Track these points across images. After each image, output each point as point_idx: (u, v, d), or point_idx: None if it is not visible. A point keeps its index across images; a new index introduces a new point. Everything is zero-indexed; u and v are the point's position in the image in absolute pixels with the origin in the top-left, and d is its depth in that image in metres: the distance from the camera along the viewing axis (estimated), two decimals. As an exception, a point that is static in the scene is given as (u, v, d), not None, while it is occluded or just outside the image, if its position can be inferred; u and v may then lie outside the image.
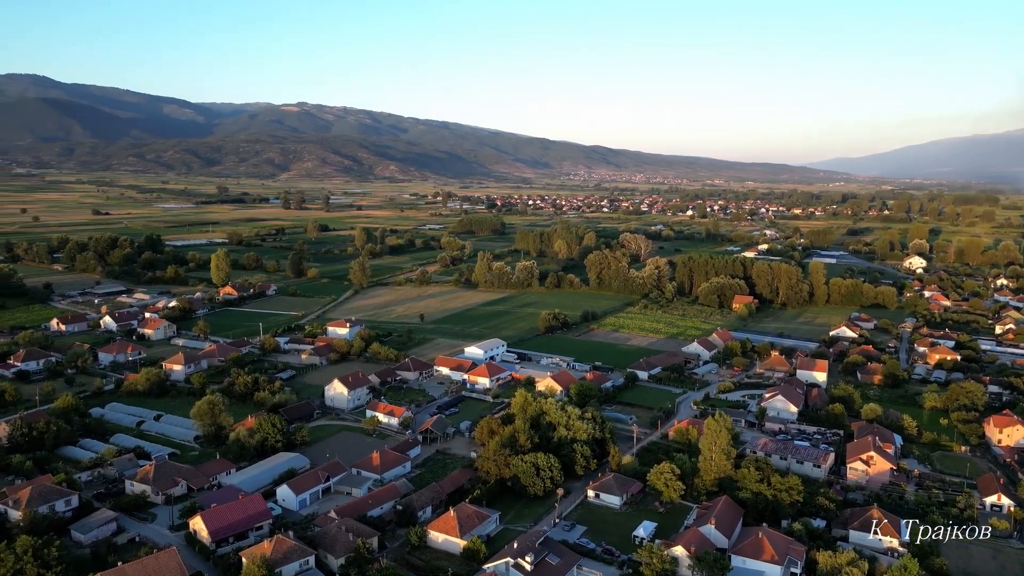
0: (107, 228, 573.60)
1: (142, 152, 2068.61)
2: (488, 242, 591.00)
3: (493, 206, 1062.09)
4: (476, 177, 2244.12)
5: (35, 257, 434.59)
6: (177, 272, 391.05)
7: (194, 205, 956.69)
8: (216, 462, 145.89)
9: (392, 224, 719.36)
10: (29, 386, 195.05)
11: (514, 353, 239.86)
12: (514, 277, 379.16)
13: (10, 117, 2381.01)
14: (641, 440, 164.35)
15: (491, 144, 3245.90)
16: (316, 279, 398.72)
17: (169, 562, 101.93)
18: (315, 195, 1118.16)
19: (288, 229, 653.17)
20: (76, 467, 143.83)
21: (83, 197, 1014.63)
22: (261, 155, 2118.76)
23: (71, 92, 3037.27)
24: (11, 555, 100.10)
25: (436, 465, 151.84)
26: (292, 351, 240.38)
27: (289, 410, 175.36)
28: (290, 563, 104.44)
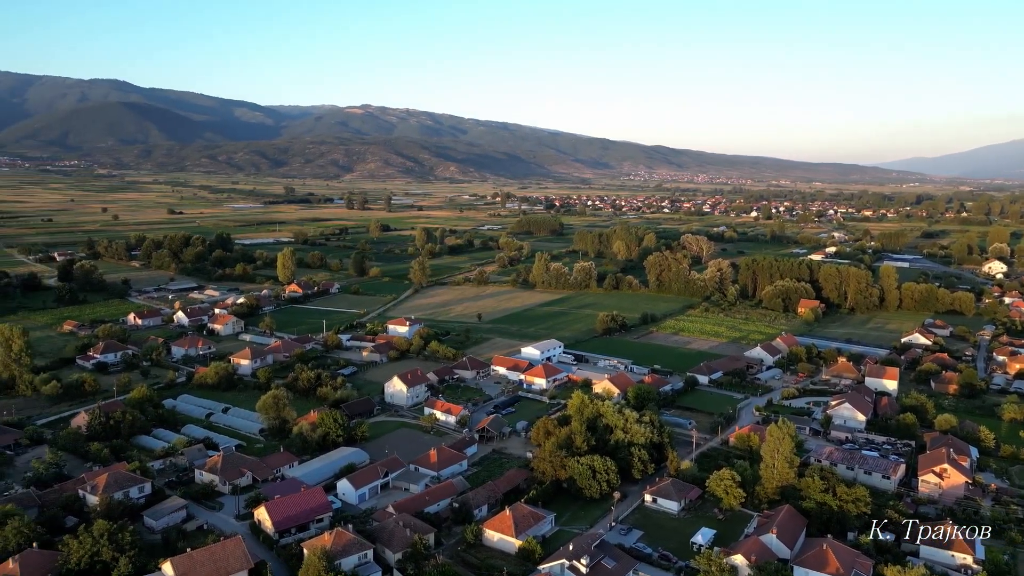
0: (181, 227, 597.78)
1: (214, 154, 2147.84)
2: (546, 243, 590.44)
3: (552, 207, 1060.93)
4: (535, 178, 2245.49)
5: (114, 254, 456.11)
6: (245, 270, 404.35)
7: (262, 205, 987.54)
8: (280, 455, 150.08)
9: (451, 224, 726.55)
10: (107, 377, 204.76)
11: (571, 354, 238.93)
12: (572, 278, 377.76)
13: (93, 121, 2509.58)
14: (700, 445, 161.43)
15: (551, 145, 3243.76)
16: (378, 278, 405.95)
17: (235, 550, 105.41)
18: (377, 196, 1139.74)
19: (351, 229, 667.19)
20: (149, 456, 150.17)
21: (159, 197, 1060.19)
22: (326, 156, 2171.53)
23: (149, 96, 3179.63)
24: (89, 538, 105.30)
25: (492, 464, 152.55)
26: (354, 348, 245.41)
27: (350, 406, 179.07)
28: (349, 556, 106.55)
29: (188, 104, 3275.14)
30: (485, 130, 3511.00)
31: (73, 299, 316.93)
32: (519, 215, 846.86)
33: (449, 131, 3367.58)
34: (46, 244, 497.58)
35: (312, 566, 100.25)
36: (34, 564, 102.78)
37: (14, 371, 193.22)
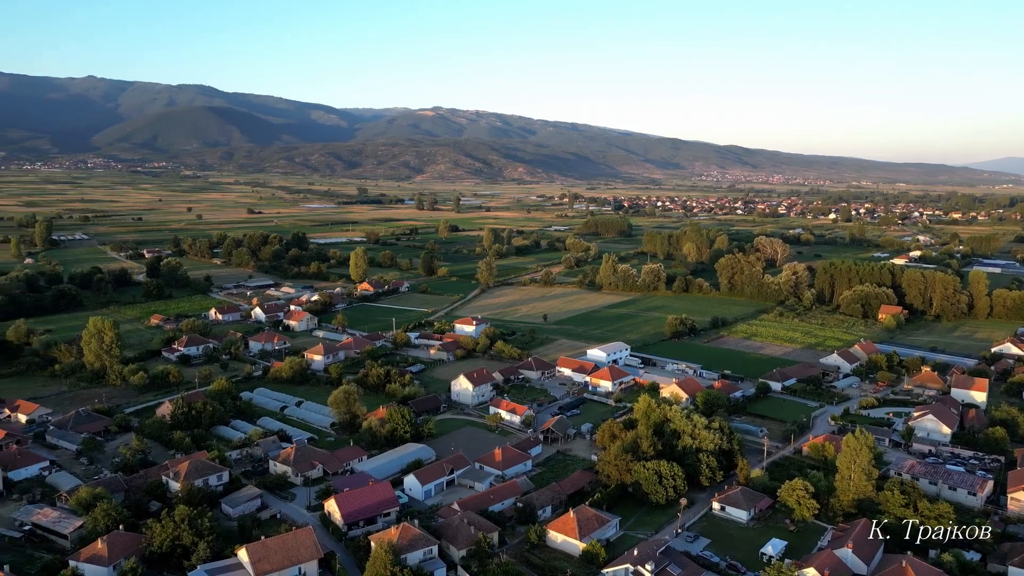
0: (260, 226, 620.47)
1: (291, 155, 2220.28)
2: (614, 244, 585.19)
3: (620, 207, 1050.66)
4: (604, 178, 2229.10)
5: (198, 252, 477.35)
6: (320, 268, 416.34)
7: (336, 205, 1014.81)
8: (349, 449, 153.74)
9: (519, 225, 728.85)
10: (190, 369, 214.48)
11: (638, 357, 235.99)
12: (640, 280, 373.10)
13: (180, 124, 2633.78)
14: (772, 454, 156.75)
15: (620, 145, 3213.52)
16: (445, 277, 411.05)
17: (306, 540, 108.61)
18: (447, 197, 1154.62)
19: (421, 229, 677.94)
20: (227, 445, 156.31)
21: (240, 197, 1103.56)
22: (398, 158, 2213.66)
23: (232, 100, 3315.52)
24: (171, 522, 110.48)
25: (556, 465, 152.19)
26: (421, 346, 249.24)
27: (417, 403, 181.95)
28: (415, 551, 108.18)
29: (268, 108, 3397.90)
30: (554, 131, 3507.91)
31: (160, 294, 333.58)
32: (587, 216, 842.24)
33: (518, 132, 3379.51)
34: (136, 242, 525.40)
35: (379, 559, 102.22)
36: (120, 545, 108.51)
37: (105, 362, 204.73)
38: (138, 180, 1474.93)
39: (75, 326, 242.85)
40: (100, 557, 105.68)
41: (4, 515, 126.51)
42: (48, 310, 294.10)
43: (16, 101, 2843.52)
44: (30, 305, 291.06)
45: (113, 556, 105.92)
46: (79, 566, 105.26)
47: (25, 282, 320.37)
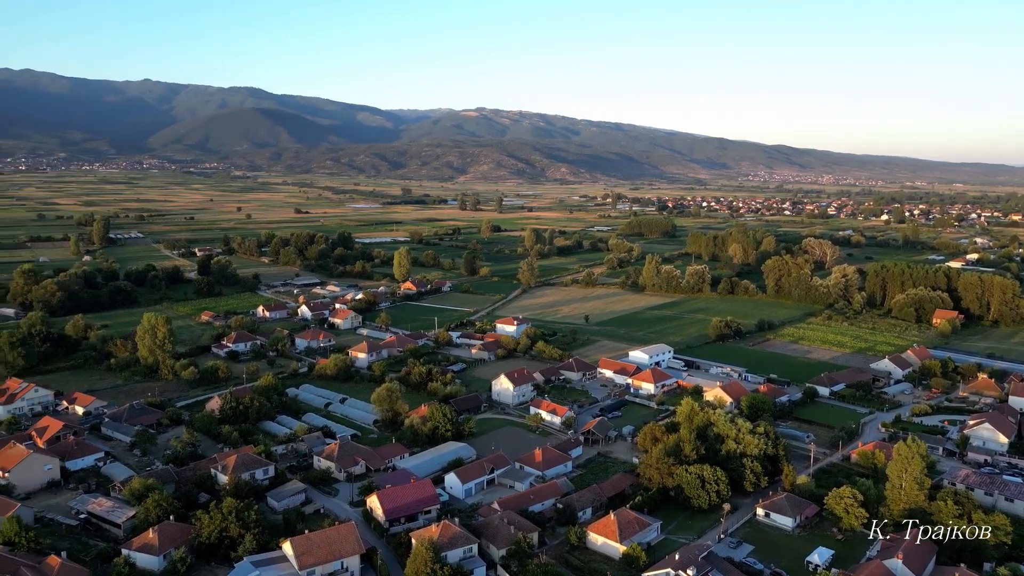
0: (306, 226, 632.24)
1: (337, 156, 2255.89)
2: (657, 245, 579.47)
3: (664, 208, 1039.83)
4: (648, 179, 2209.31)
5: (247, 250, 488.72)
6: (364, 267, 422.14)
7: (380, 205, 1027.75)
8: (392, 446, 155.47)
9: (561, 225, 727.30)
10: (238, 365, 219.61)
11: (681, 360, 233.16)
12: (684, 281, 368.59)
13: (231, 126, 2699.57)
14: (819, 460, 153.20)
15: (665, 145, 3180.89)
16: (487, 277, 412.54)
17: (348, 535, 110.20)
18: (489, 197, 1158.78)
19: (463, 229, 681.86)
20: (273, 440, 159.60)
21: (287, 197, 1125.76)
22: (441, 159, 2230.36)
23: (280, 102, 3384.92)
24: (219, 514, 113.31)
25: (597, 467, 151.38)
26: (463, 345, 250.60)
27: (459, 401, 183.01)
28: (455, 549, 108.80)
29: (315, 109, 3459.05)
30: (597, 131, 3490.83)
31: (210, 291, 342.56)
32: (630, 216, 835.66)
33: (561, 132, 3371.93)
34: (188, 240, 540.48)
35: (420, 556, 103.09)
36: (170, 535, 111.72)
37: (158, 356, 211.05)
38: (190, 180, 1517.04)
39: (130, 322, 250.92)
40: (151, 546, 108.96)
41: (62, 503, 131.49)
42: (105, 306, 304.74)
43: (77, 104, 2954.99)
44: (88, 301, 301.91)
45: (163, 546, 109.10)
46: (131, 555, 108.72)
47: (83, 279, 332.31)
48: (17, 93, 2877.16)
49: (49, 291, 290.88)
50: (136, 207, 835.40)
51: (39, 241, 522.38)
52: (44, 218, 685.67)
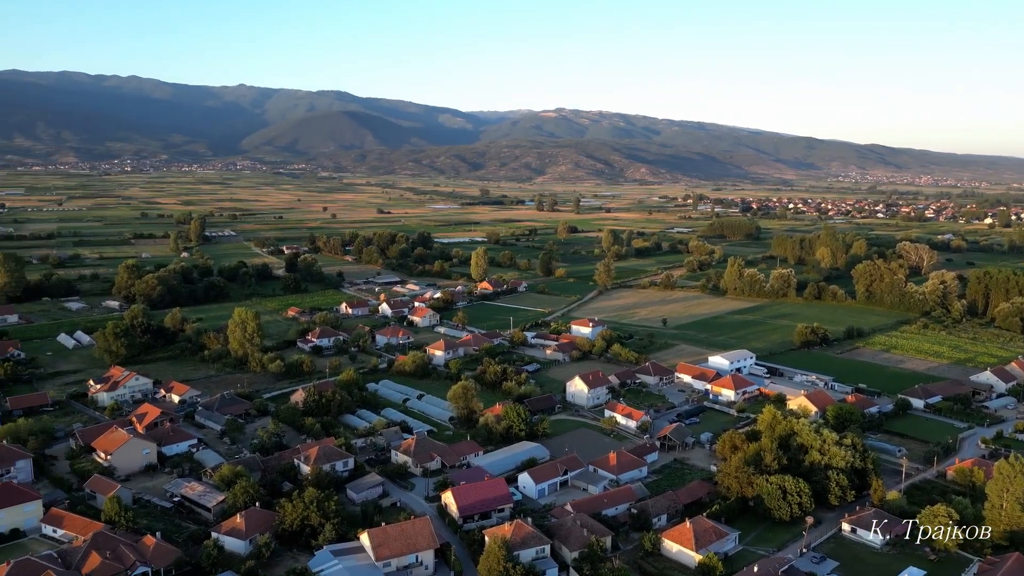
0: (388, 225, 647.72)
1: (419, 158, 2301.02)
2: (740, 247, 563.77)
3: (748, 209, 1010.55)
4: (731, 179, 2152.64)
5: (331, 249, 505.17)
6: (442, 266, 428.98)
7: (459, 206, 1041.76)
8: (466, 443, 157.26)
9: (639, 227, 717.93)
10: (321, 359, 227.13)
11: (763, 366, 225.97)
12: (768, 285, 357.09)
13: (319, 128, 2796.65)
14: (911, 476, 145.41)
15: (749, 144, 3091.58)
16: (563, 278, 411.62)
17: (423, 529, 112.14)
18: (567, 198, 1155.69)
19: (540, 230, 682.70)
20: (353, 434, 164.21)
21: (370, 198, 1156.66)
22: (520, 159, 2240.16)
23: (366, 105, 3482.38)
24: (301, 503, 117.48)
25: (673, 473, 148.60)
26: (538, 346, 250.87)
27: (533, 402, 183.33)
28: (528, 548, 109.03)
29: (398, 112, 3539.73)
30: (679, 130, 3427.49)
31: (297, 288, 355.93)
32: (711, 218, 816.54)
33: (641, 132, 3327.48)
34: (277, 239, 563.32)
35: (493, 554, 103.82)
36: (256, 521, 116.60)
37: (248, 349, 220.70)
38: (280, 181, 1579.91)
39: (222, 316, 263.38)
40: (238, 531, 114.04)
41: (157, 486, 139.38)
42: (200, 300, 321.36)
43: (178, 109, 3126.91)
44: (185, 295, 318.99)
45: (250, 531, 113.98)
46: (220, 538, 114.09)
47: (181, 274, 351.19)
48: (125, 99, 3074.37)
49: (150, 285, 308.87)
50: (229, 206, 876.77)
51: (142, 238, 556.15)
52: (147, 216, 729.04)
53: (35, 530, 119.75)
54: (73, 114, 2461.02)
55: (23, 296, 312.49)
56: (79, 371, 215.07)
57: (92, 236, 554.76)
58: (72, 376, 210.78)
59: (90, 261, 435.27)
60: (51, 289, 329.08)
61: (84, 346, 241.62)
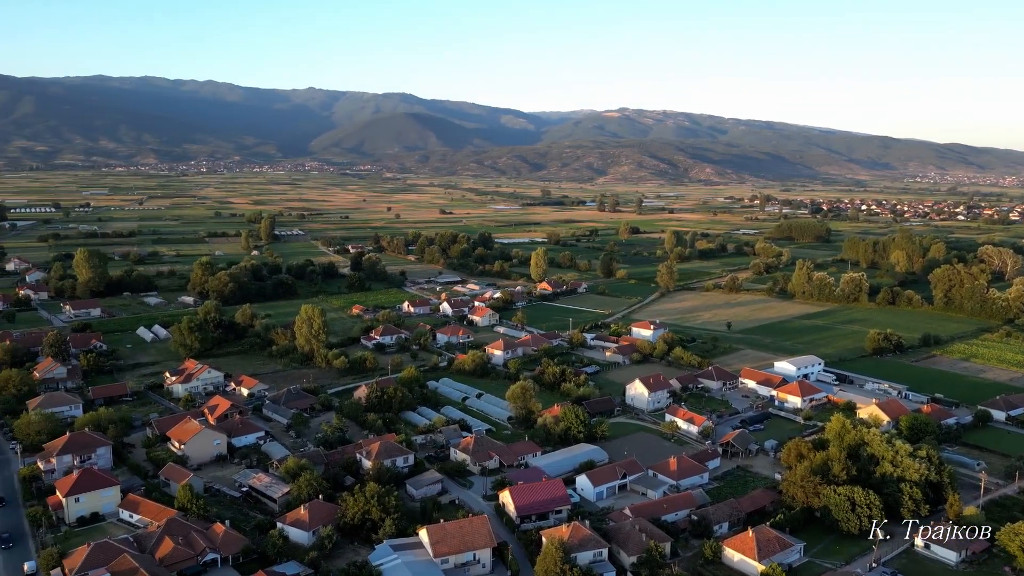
0: (450, 226, 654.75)
1: (481, 159, 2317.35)
2: (809, 250, 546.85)
3: (818, 211, 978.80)
4: (800, 180, 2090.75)
5: (395, 248, 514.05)
6: (503, 267, 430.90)
7: (520, 207, 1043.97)
8: (524, 443, 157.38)
9: (703, 228, 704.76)
10: (384, 356, 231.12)
11: (832, 373, 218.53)
12: (838, 289, 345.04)
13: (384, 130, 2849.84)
14: (990, 491, 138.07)
15: (820, 144, 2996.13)
16: (624, 279, 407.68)
17: (481, 528, 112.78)
18: (628, 198, 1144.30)
19: (601, 231, 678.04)
20: (413, 430, 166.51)
21: (433, 198, 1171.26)
22: (581, 160, 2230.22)
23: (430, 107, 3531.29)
24: (362, 497, 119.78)
25: (735, 480, 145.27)
26: (597, 347, 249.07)
27: (591, 404, 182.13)
28: (585, 551, 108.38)
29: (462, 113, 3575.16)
30: (747, 129, 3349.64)
31: (361, 286, 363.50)
32: (779, 219, 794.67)
33: (707, 132, 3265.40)
34: (342, 238, 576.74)
35: (550, 555, 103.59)
36: (319, 513, 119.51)
37: (313, 345, 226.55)
38: (346, 182, 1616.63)
39: (290, 312, 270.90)
40: (302, 522, 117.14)
41: (227, 476, 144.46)
42: (269, 297, 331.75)
43: (250, 111, 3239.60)
44: (254, 292, 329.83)
45: (313, 522, 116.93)
46: (284, 528, 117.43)
47: (251, 272, 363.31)
48: (201, 103, 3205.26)
49: (222, 282, 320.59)
50: (298, 206, 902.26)
51: (215, 237, 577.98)
52: (220, 216, 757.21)
53: (113, 514, 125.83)
54: (153, 117, 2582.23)
55: (106, 291, 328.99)
56: (156, 363, 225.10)
57: (170, 234, 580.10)
58: (150, 368, 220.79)
59: (167, 258, 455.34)
60: (131, 285, 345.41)
61: (161, 339, 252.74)
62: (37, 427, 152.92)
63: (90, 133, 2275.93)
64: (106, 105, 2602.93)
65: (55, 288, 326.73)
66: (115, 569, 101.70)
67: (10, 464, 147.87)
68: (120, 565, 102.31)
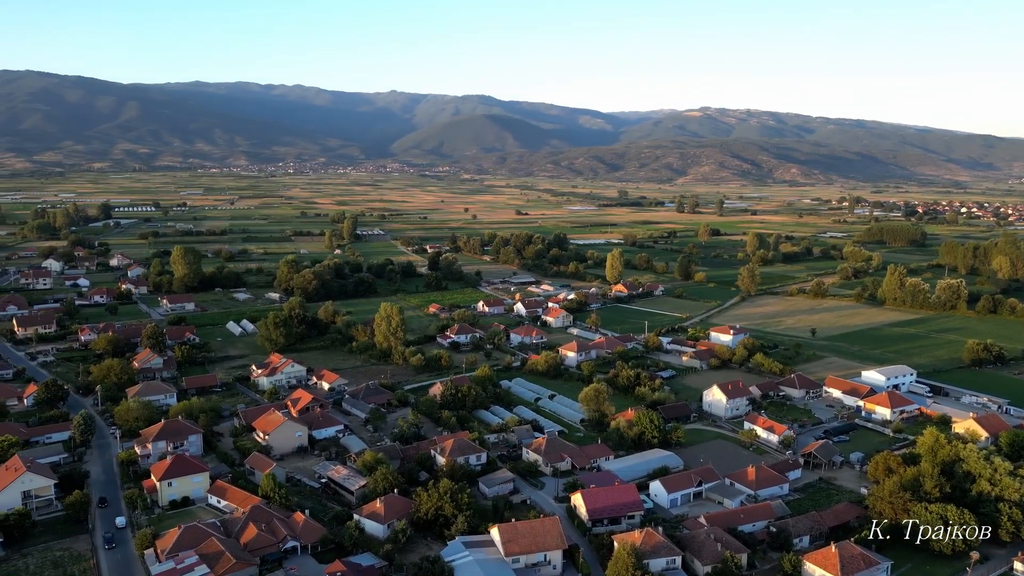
0: (525, 226, 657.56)
1: (557, 160, 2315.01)
2: (902, 254, 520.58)
3: (912, 213, 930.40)
4: (893, 180, 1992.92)
5: (471, 249, 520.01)
6: (577, 268, 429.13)
7: (596, 208, 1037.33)
8: (597, 446, 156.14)
9: (788, 230, 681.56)
10: (458, 355, 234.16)
11: (925, 384, 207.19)
12: (933, 296, 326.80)
13: (463, 132, 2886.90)
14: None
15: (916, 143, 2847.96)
16: (703, 283, 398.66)
17: (552, 529, 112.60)
18: (709, 199, 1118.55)
19: (679, 232, 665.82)
20: (486, 429, 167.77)
21: (509, 199, 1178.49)
22: (660, 160, 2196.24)
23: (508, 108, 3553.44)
24: (436, 493, 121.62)
25: (817, 493, 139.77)
26: (673, 351, 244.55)
27: (667, 409, 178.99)
28: (658, 558, 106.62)
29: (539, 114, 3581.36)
30: (835, 128, 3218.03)
31: (438, 285, 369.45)
32: (869, 222, 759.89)
33: (793, 131, 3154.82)
34: (421, 238, 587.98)
35: (622, 560, 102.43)
36: (394, 507, 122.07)
37: (391, 343, 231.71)
38: (425, 183, 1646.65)
39: (369, 310, 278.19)
40: (378, 515, 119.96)
41: (307, 467, 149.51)
42: (350, 294, 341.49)
43: (336, 115, 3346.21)
44: (336, 289, 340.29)
45: (388, 516, 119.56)
46: (361, 520, 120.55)
47: (334, 270, 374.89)
48: (290, 106, 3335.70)
49: (306, 280, 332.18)
50: (379, 207, 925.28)
51: (301, 235, 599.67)
52: (306, 215, 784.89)
53: (202, 499, 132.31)
54: (245, 121, 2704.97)
55: (199, 286, 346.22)
56: (243, 356, 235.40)
57: (258, 233, 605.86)
58: (238, 361, 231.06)
59: (256, 256, 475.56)
60: (222, 281, 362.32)
61: (248, 334, 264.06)
62: (135, 414, 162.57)
63: (187, 136, 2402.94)
64: (202, 109, 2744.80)
65: (153, 283, 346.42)
66: (203, 551, 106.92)
67: (110, 448, 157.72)
68: (208, 548, 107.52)
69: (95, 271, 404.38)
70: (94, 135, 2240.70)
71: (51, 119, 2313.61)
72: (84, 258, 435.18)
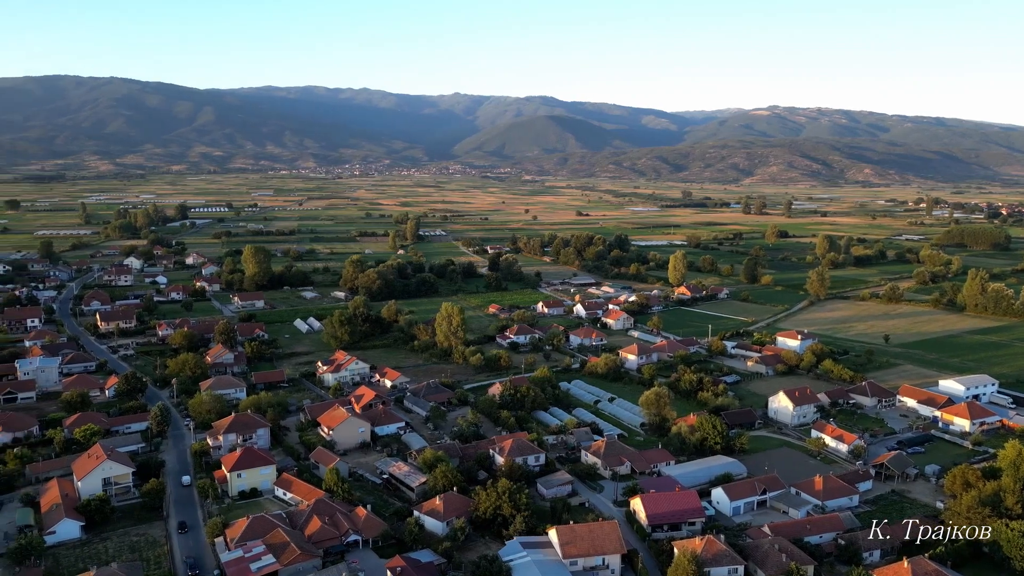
0: (586, 227, 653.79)
1: (620, 160, 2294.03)
2: (984, 258, 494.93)
3: (996, 215, 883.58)
4: (975, 181, 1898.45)
5: (531, 250, 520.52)
6: (639, 270, 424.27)
7: (659, 209, 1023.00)
8: (657, 451, 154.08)
9: (860, 233, 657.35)
10: (517, 355, 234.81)
11: (1008, 395, 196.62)
12: (1018, 303, 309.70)
13: (525, 133, 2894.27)
14: None
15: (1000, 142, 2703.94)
16: (769, 286, 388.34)
17: (611, 533, 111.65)
18: (777, 200, 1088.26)
19: (745, 234, 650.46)
20: (545, 430, 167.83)
21: (570, 200, 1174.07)
22: (726, 160, 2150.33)
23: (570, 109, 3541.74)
24: (494, 492, 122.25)
25: (889, 506, 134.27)
26: (738, 356, 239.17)
27: (730, 415, 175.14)
28: (719, 567, 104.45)
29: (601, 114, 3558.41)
30: (912, 127, 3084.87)
31: (498, 286, 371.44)
32: (949, 224, 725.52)
33: (866, 130, 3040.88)
34: (481, 239, 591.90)
35: (682, 567, 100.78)
36: (453, 504, 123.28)
37: (452, 342, 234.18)
38: (487, 184, 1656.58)
39: (431, 309, 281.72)
40: (437, 512, 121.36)
41: (369, 463, 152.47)
42: (412, 294, 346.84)
43: (400, 117, 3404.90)
44: (399, 289, 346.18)
45: (447, 513, 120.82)
46: (421, 517, 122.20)
47: (397, 270, 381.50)
48: (356, 109, 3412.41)
49: (370, 279, 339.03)
50: (441, 208, 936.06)
51: (365, 236, 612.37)
52: (370, 216, 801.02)
53: (269, 491, 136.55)
54: (313, 124, 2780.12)
55: (268, 285, 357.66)
56: (310, 353, 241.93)
57: (325, 233, 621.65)
58: (304, 357, 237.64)
59: (322, 256, 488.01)
60: (291, 279, 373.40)
61: (315, 331, 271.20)
62: (208, 407, 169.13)
63: (259, 139, 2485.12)
64: (273, 113, 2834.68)
65: (226, 281, 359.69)
66: (269, 542, 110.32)
67: (184, 439, 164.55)
68: (274, 538, 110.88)
69: (172, 269, 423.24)
70: (172, 138, 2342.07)
71: (133, 123, 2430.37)
72: (162, 256, 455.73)
